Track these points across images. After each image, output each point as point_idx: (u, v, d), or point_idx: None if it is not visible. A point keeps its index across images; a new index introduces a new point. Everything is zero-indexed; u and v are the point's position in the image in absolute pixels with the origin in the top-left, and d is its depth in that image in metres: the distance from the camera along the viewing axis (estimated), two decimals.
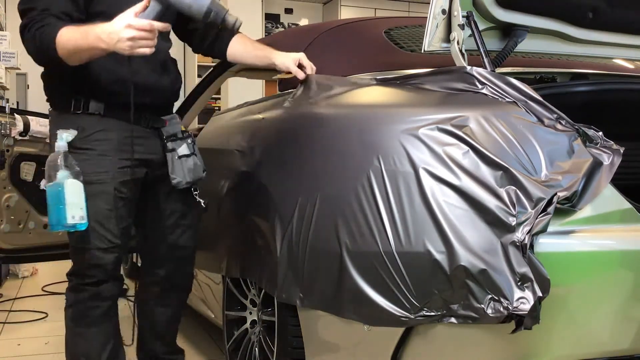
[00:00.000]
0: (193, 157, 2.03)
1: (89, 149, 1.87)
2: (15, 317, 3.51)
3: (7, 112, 3.23)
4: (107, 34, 1.65)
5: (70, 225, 1.77)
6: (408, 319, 1.44)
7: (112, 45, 1.66)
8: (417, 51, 1.96)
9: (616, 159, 1.41)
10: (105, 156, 1.88)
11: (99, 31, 1.67)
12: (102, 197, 1.87)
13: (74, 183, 1.78)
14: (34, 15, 1.76)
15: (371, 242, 1.49)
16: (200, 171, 2.05)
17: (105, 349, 1.97)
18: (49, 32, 1.71)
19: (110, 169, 1.88)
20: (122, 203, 1.92)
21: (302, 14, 8.90)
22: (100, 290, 1.92)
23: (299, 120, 1.89)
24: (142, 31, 1.64)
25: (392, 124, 1.54)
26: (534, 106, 1.46)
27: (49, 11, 1.75)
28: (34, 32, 1.74)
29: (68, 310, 1.97)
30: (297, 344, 1.83)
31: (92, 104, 1.88)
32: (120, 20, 1.65)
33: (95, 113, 1.88)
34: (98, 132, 1.88)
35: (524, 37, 1.73)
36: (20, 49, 5.54)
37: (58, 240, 3.39)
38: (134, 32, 1.63)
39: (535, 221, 1.32)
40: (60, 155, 1.79)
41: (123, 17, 1.65)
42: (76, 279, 1.94)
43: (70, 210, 1.76)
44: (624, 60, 2.24)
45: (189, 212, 2.14)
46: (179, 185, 2.02)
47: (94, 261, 1.89)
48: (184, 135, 2.04)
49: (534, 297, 1.28)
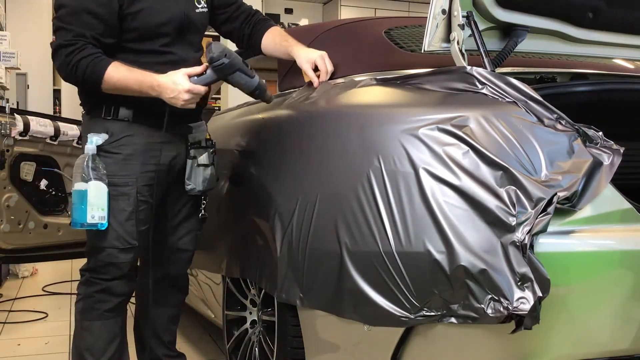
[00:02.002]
0: (211, 168, 2.08)
1: (116, 152, 1.92)
2: (15, 317, 3.51)
3: (7, 112, 3.23)
4: (163, 89, 1.82)
5: (91, 224, 1.85)
6: (408, 319, 1.44)
7: (166, 98, 1.83)
8: (417, 51, 1.96)
9: (616, 159, 1.41)
10: (130, 160, 1.93)
11: (155, 84, 1.82)
12: (125, 199, 1.92)
13: (98, 185, 1.85)
14: (70, 39, 1.82)
15: (371, 242, 1.49)
16: (214, 182, 2.10)
17: (110, 346, 1.99)
18: (96, 68, 1.82)
19: (134, 172, 1.93)
20: (143, 206, 1.96)
21: (302, 14, 8.90)
22: (111, 286, 1.95)
23: (299, 120, 1.89)
24: (197, 95, 1.84)
25: (392, 124, 1.54)
26: (534, 106, 1.46)
27: (85, 38, 1.83)
28: (75, 63, 1.82)
29: (78, 303, 2.00)
30: (297, 344, 1.83)
31: (121, 111, 1.94)
32: (178, 79, 1.81)
33: (124, 119, 1.94)
34: (126, 137, 1.94)
35: (524, 37, 1.73)
36: (20, 49, 5.54)
37: (58, 240, 3.40)
38: (191, 96, 1.82)
39: (535, 221, 1.32)
40: (88, 157, 1.86)
41: (180, 78, 1.81)
42: (90, 274, 1.97)
43: (91, 211, 1.84)
44: (624, 60, 2.24)
45: (194, 216, 2.16)
46: (192, 191, 2.06)
47: (110, 260, 1.93)
48: (207, 144, 2.09)
49: (534, 297, 1.28)
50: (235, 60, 1.83)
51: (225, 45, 1.87)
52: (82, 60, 1.81)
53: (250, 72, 1.87)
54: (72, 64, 1.82)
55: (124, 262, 1.94)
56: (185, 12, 1.97)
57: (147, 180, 1.96)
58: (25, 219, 3.29)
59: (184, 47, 1.98)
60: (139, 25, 1.89)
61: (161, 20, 1.91)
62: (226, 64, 1.81)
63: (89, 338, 1.99)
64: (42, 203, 3.37)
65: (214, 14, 2.14)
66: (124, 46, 1.90)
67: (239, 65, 1.84)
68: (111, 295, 1.97)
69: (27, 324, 3.40)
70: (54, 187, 3.41)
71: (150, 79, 1.83)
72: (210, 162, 2.07)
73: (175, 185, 2.07)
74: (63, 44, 1.83)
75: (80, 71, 1.82)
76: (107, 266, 1.94)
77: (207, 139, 2.10)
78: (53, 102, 8.08)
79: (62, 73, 1.87)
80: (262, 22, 2.17)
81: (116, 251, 1.93)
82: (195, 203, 2.14)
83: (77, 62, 1.82)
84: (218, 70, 1.82)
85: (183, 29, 1.97)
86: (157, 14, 1.91)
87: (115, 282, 1.96)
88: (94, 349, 1.98)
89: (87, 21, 1.83)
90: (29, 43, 6.68)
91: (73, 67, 1.82)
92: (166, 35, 1.94)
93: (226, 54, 1.81)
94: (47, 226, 3.37)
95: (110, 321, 1.99)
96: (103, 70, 1.82)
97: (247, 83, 1.87)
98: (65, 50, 1.82)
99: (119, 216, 1.91)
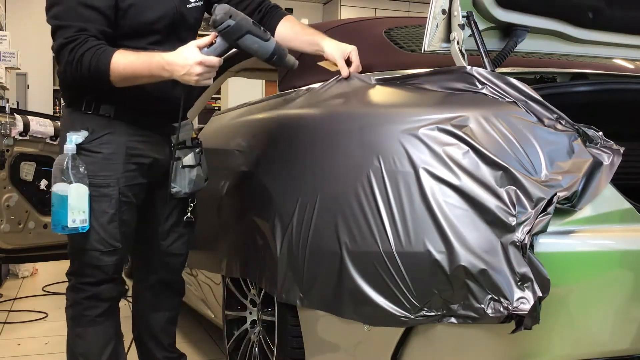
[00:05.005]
0: (197, 169, 2.00)
1: (96, 151, 1.85)
2: (15, 317, 3.51)
3: (7, 112, 3.23)
4: (173, 66, 1.69)
5: (72, 229, 1.78)
6: (408, 319, 1.44)
7: (178, 76, 1.70)
8: (417, 51, 1.96)
9: (616, 159, 1.41)
10: (111, 160, 1.86)
11: (164, 62, 1.70)
12: (106, 200, 1.85)
13: (79, 187, 1.78)
14: (71, 35, 1.73)
15: (371, 242, 1.49)
16: (201, 183, 2.03)
17: (105, 351, 1.95)
18: (101, 58, 1.72)
19: (116, 172, 1.87)
20: (126, 207, 1.90)
21: (302, 14, 8.90)
22: (99, 291, 1.91)
23: (299, 121, 1.89)
24: (210, 67, 1.69)
25: (392, 124, 1.54)
26: (534, 106, 1.46)
27: (87, 32, 1.74)
28: (78, 58, 1.72)
29: (68, 310, 1.96)
30: (297, 344, 1.83)
31: (103, 106, 1.86)
32: (188, 53, 1.68)
33: (105, 115, 1.86)
34: (107, 134, 1.86)
35: (524, 37, 1.73)
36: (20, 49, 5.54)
37: (58, 240, 3.40)
38: (204, 68, 1.68)
39: (535, 221, 1.32)
40: (68, 158, 1.79)
41: (191, 51, 1.68)
42: (75, 278, 1.93)
43: (72, 214, 1.76)
44: (624, 60, 2.24)
45: (184, 220, 2.11)
46: (177, 194, 2.00)
47: (93, 262, 1.87)
48: (192, 144, 2.02)
49: (534, 297, 1.28)
50: (243, 21, 1.67)
51: (230, 7, 1.70)
52: (85, 53, 1.71)
53: (263, 35, 1.70)
54: (76, 60, 1.72)
55: (107, 264, 1.88)
56: (178, 8, 1.90)
57: (130, 181, 1.89)
58: (25, 219, 3.29)
59: (175, 45, 1.85)
60: (129, 22, 1.81)
61: (152, 17, 1.84)
62: (232, 25, 1.65)
63: (83, 344, 1.94)
64: (42, 203, 3.37)
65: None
66: (112, 43, 1.79)
67: (248, 27, 1.67)
68: (99, 301, 1.91)
69: (27, 324, 3.40)
70: None
71: (158, 58, 1.71)
72: (196, 162, 2.00)
73: (163, 188, 2.00)
74: (65, 42, 1.74)
75: (85, 66, 1.72)
76: (91, 269, 1.88)
77: (193, 138, 2.03)
78: (53, 102, 8.09)
79: (68, 74, 1.78)
80: (274, 10, 2.07)
81: (98, 254, 1.86)
82: (185, 206, 2.08)
83: (80, 57, 1.72)
84: (225, 35, 1.66)
85: (175, 25, 1.90)
86: (147, 10, 1.83)
87: (102, 287, 1.90)
88: (89, 354, 1.94)
89: (86, 15, 1.74)
90: (29, 43, 6.68)
91: (77, 63, 1.72)
92: (157, 33, 1.87)
93: (231, 15, 1.65)
94: (47, 226, 3.37)
95: (103, 325, 1.94)
96: (108, 59, 1.71)
97: (261, 47, 1.70)
98: (67, 48, 1.73)
99: (100, 218, 1.84)
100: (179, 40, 1.87)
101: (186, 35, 1.94)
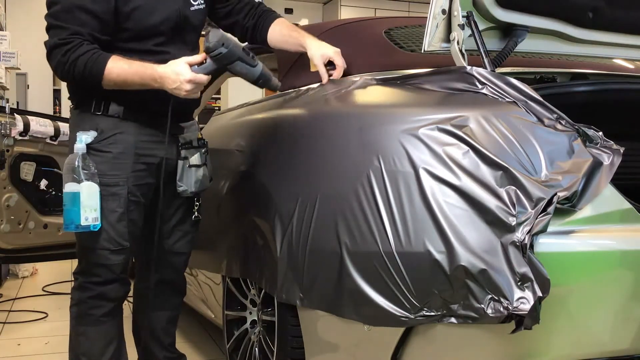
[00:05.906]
0: (203, 168, 2.03)
1: (105, 151, 1.87)
2: (15, 317, 3.51)
3: (7, 112, 3.23)
4: (165, 80, 1.77)
5: (84, 227, 1.80)
6: (408, 319, 1.44)
7: (168, 89, 1.79)
8: (417, 51, 1.96)
9: (616, 159, 1.41)
10: (120, 159, 1.89)
11: (156, 75, 1.78)
12: (115, 199, 1.88)
13: (90, 185, 1.80)
14: (65, 37, 1.77)
15: (371, 242, 1.49)
16: (206, 182, 2.06)
17: (107, 350, 1.97)
18: (95, 64, 1.77)
19: (125, 172, 1.89)
20: (134, 206, 1.93)
21: (302, 14, 8.89)
22: (105, 291, 1.92)
23: (299, 121, 1.89)
24: (200, 84, 1.78)
25: (392, 124, 1.54)
26: (534, 106, 1.46)
27: (81, 36, 1.78)
28: (72, 62, 1.77)
29: (72, 308, 1.97)
30: (297, 344, 1.83)
31: (112, 106, 1.89)
32: (179, 69, 1.76)
33: (114, 116, 1.89)
34: (116, 134, 1.89)
35: (524, 37, 1.73)
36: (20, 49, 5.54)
37: (58, 240, 3.40)
38: (193, 85, 1.77)
39: (535, 221, 1.32)
40: (78, 157, 1.81)
41: (182, 67, 1.76)
42: (82, 277, 1.94)
43: (85, 212, 1.79)
44: (624, 60, 2.24)
45: (188, 219, 2.13)
46: (183, 193, 2.02)
47: (101, 261, 1.89)
48: (199, 144, 2.04)
49: (534, 297, 1.28)
50: (234, 49, 1.76)
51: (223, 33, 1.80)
52: (79, 58, 1.76)
53: (251, 61, 1.80)
54: (69, 63, 1.76)
55: (115, 263, 1.90)
56: (181, 10, 1.92)
57: (138, 180, 1.92)
58: (25, 219, 3.29)
59: (179, 46, 1.92)
60: (133, 24, 1.84)
61: (156, 20, 1.86)
62: (224, 53, 1.75)
63: (86, 343, 1.96)
64: (42, 203, 3.37)
65: (214, 8, 2.09)
66: (116, 46, 1.84)
67: (238, 54, 1.77)
68: (105, 301, 1.93)
69: (27, 324, 3.40)
70: (54, 187, 3.41)
71: (151, 70, 1.78)
72: (202, 162, 2.03)
73: (168, 187, 2.01)
74: (58, 43, 1.77)
75: (79, 70, 1.76)
76: (99, 268, 1.90)
77: (199, 139, 2.05)
78: (53, 102, 8.10)
79: (58, 73, 1.83)
80: (267, 14, 2.12)
81: (107, 252, 1.88)
82: (189, 205, 2.10)
83: (74, 61, 1.76)
84: (216, 60, 1.76)
85: (178, 27, 1.92)
86: (151, 13, 1.86)
87: (109, 286, 1.92)
88: (91, 353, 1.96)
89: (82, 19, 1.77)
90: (29, 43, 6.68)
91: (70, 67, 1.76)
92: (161, 35, 1.89)
93: (224, 42, 1.74)
94: (47, 226, 3.37)
95: (106, 325, 1.96)
96: (102, 66, 1.76)
97: (249, 72, 1.81)
98: (60, 49, 1.77)
99: (109, 217, 1.87)
100: (183, 42, 1.94)
101: (190, 37, 1.98)
